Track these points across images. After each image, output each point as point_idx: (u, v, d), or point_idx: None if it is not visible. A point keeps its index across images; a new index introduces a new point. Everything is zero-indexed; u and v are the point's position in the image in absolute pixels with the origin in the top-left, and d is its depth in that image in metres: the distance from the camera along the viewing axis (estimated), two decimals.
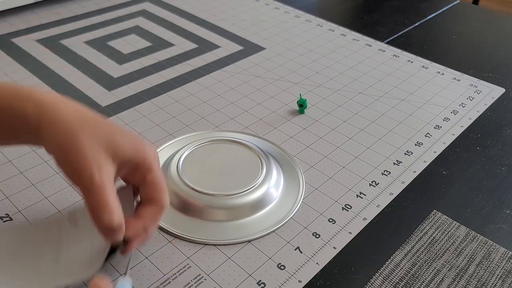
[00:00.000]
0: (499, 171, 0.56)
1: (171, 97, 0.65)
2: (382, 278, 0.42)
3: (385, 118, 0.63)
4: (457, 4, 1.02)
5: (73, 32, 0.81)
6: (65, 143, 0.35)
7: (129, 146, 0.37)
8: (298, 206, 0.49)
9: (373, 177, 0.53)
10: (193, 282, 0.41)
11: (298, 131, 0.60)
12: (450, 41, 0.87)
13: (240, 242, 0.45)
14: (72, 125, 0.35)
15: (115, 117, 0.61)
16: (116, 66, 0.72)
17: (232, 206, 0.47)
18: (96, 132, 0.36)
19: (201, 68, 0.72)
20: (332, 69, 0.74)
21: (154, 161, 0.39)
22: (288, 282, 0.41)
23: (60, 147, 0.35)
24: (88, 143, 0.35)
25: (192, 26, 0.86)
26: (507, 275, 0.44)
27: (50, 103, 0.36)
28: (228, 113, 0.62)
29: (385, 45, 0.83)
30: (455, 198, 0.52)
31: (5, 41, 0.77)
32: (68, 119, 0.35)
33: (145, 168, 0.38)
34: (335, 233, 0.46)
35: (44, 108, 0.36)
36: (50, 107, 0.36)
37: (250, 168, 0.50)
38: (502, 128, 0.63)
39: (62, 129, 0.35)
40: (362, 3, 1.03)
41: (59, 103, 0.36)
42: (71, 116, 0.36)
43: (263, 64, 0.74)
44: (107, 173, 0.35)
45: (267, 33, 0.84)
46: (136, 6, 0.92)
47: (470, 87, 0.71)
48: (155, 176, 0.38)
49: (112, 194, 0.35)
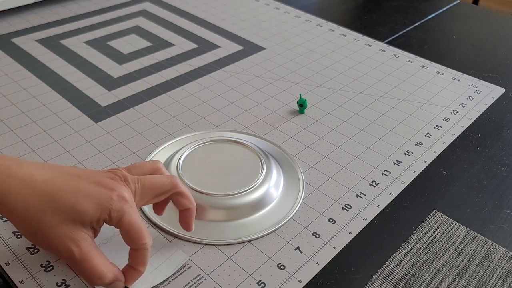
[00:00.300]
0: (499, 171, 0.56)
1: (171, 97, 0.65)
2: (382, 278, 0.42)
3: (385, 118, 0.63)
4: (457, 4, 1.02)
5: (73, 32, 0.81)
6: (32, 229, 0.35)
7: (94, 209, 0.36)
8: (298, 206, 0.49)
9: (373, 177, 0.53)
10: (193, 282, 0.41)
11: (298, 131, 0.60)
12: (450, 41, 0.87)
13: (240, 242, 0.45)
14: (33, 210, 0.35)
15: (115, 117, 0.61)
16: (116, 66, 0.72)
17: (232, 206, 0.47)
18: (58, 209, 0.35)
19: (201, 68, 0.72)
20: (332, 69, 0.74)
21: (124, 205, 0.37)
22: (288, 282, 0.41)
23: (29, 232, 0.36)
24: (54, 223, 0.35)
25: (192, 26, 0.86)
26: (507, 275, 0.44)
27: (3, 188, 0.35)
28: (228, 113, 0.62)
29: (385, 45, 0.83)
30: (455, 198, 0.52)
31: (5, 41, 0.77)
32: (27, 203, 0.35)
33: (114, 221, 0.37)
34: (335, 233, 0.46)
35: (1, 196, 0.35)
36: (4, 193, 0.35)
37: (250, 168, 0.50)
38: (502, 128, 0.63)
39: (25, 215, 0.35)
40: (362, 3, 1.03)
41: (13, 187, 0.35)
42: (29, 198, 0.35)
43: (263, 64, 0.74)
44: (85, 242, 0.36)
45: (267, 33, 0.84)
46: (136, 6, 0.92)
47: (470, 87, 0.71)
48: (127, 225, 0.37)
49: (97, 258, 0.36)
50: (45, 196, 0.35)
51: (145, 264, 0.39)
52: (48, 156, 0.53)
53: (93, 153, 0.54)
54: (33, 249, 0.42)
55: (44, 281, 0.40)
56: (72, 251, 0.35)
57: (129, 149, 0.55)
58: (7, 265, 0.41)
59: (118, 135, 0.58)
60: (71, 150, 0.55)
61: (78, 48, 0.76)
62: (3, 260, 0.41)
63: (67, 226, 0.35)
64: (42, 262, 0.41)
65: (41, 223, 0.35)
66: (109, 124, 0.59)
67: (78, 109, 0.62)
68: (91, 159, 0.53)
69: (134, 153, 0.55)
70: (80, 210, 0.36)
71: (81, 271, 0.36)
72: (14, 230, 0.44)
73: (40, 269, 0.41)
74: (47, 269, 0.41)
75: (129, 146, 0.56)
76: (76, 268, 0.36)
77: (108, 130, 0.58)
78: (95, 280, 0.36)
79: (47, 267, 0.41)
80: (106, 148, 0.55)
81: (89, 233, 0.37)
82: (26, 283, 0.40)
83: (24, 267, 0.41)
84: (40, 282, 0.40)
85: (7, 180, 0.35)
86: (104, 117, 0.60)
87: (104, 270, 0.36)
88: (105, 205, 0.36)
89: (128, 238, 0.38)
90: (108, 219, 0.37)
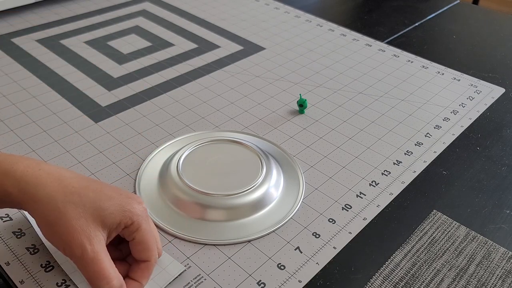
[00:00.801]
0: (499, 171, 0.56)
1: (171, 97, 0.65)
2: (382, 278, 0.42)
3: (385, 118, 0.63)
4: (457, 4, 1.02)
5: (73, 32, 0.81)
6: (52, 219, 0.35)
7: (117, 210, 0.37)
8: (298, 206, 0.49)
9: (373, 177, 0.53)
10: (193, 282, 0.41)
11: (298, 131, 0.60)
12: (450, 41, 0.87)
13: (240, 242, 0.45)
14: (57, 200, 0.35)
15: (115, 117, 0.61)
16: (116, 66, 0.72)
17: (232, 206, 0.47)
18: (82, 202, 0.36)
19: (201, 68, 0.72)
20: (332, 69, 0.74)
21: (142, 219, 0.38)
22: (288, 282, 0.41)
23: (48, 223, 0.36)
24: (75, 216, 0.35)
25: (192, 26, 0.86)
26: (507, 275, 0.44)
27: (31, 178, 0.36)
28: (228, 113, 0.62)
29: (385, 45, 0.83)
30: (455, 198, 0.52)
31: (5, 41, 0.77)
32: (52, 194, 0.36)
33: (133, 228, 0.37)
34: (335, 233, 0.46)
35: (26, 183, 0.36)
36: (32, 183, 0.36)
37: (250, 168, 0.50)
38: (502, 128, 0.63)
39: (48, 205, 0.35)
40: (362, 3, 1.03)
41: (41, 178, 0.36)
42: (54, 190, 0.36)
43: (263, 64, 0.74)
44: (99, 242, 0.35)
45: (267, 33, 0.84)
46: (136, 6, 0.92)
47: (470, 87, 0.71)
48: (142, 235, 0.38)
49: (107, 261, 0.36)
50: (70, 189, 0.36)
51: (147, 277, 0.39)
52: (48, 156, 0.53)
53: (93, 153, 0.54)
54: (33, 249, 0.42)
55: (44, 281, 0.40)
56: (85, 248, 0.35)
57: (129, 149, 0.55)
58: (7, 265, 0.41)
59: (118, 135, 0.58)
60: (71, 150, 0.55)
61: (78, 48, 0.76)
62: (3, 260, 0.41)
63: (87, 222, 0.35)
64: (42, 262, 0.41)
65: (62, 213, 0.35)
66: (109, 124, 0.59)
67: (78, 109, 0.62)
68: (91, 159, 0.53)
69: (134, 153, 0.55)
70: (103, 207, 0.36)
71: (88, 272, 0.35)
72: (14, 230, 0.44)
73: (40, 269, 0.41)
74: (47, 269, 0.41)
75: (129, 146, 0.56)
76: (84, 267, 0.35)
77: (108, 130, 0.58)
78: (101, 284, 0.35)
79: (47, 267, 0.41)
80: (106, 148, 0.55)
81: (104, 236, 0.36)
82: (26, 283, 0.40)
83: (24, 267, 0.41)
84: (40, 282, 0.40)
85: (37, 172, 0.36)
86: (104, 117, 0.60)
87: (112, 275, 0.36)
88: (129, 213, 0.37)
89: (138, 250, 0.38)
90: (127, 226, 0.37)
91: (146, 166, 0.53)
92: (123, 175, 0.51)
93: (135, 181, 0.51)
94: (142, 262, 0.39)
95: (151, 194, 0.49)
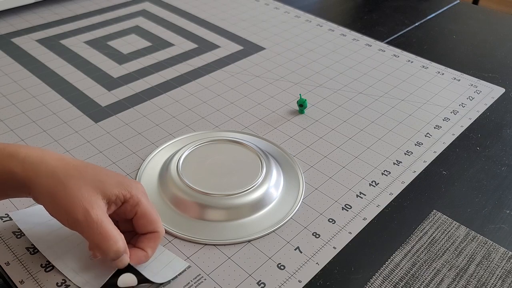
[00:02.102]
0: (499, 171, 0.56)
1: (171, 97, 0.65)
2: (382, 278, 0.42)
3: (385, 118, 0.63)
4: (457, 4, 1.02)
5: (73, 32, 0.81)
6: (54, 189, 0.37)
7: (116, 183, 0.39)
8: (298, 206, 0.49)
9: (373, 177, 0.53)
10: (193, 282, 0.41)
11: (298, 131, 0.60)
12: (450, 41, 0.87)
13: (240, 242, 0.45)
14: (58, 173, 0.38)
15: (115, 117, 0.61)
16: (116, 66, 0.72)
17: (232, 206, 0.47)
18: (82, 175, 0.38)
19: (201, 68, 0.72)
20: (332, 69, 0.74)
21: (141, 194, 0.40)
22: (288, 282, 0.41)
23: (50, 194, 0.37)
24: (76, 185, 0.37)
25: (192, 26, 0.86)
26: (507, 275, 0.44)
27: (36, 156, 0.39)
28: (228, 113, 0.62)
29: (385, 45, 0.83)
30: (455, 198, 0.52)
31: (5, 41, 0.77)
32: (54, 168, 0.38)
33: (133, 202, 0.40)
34: (335, 233, 0.46)
35: (29, 163, 0.38)
36: (36, 160, 0.38)
37: (250, 168, 0.50)
38: (502, 128, 0.63)
39: (49, 177, 0.37)
40: (362, 3, 1.03)
41: (44, 156, 0.39)
42: (56, 164, 0.38)
43: (263, 64, 0.74)
44: (100, 208, 0.37)
45: (267, 33, 0.84)
46: (136, 6, 0.92)
47: (470, 87, 0.71)
48: (145, 208, 0.40)
49: (110, 224, 0.37)
50: (71, 166, 0.39)
51: (154, 247, 0.40)
52: None
53: (93, 153, 0.54)
54: (33, 249, 0.42)
55: (44, 281, 0.40)
56: (88, 213, 0.36)
57: (129, 149, 0.55)
58: (7, 265, 0.41)
59: (118, 135, 0.58)
60: (71, 150, 0.55)
61: (78, 48, 0.76)
62: (3, 260, 0.41)
63: (88, 191, 0.37)
64: (42, 262, 0.41)
65: (64, 185, 0.37)
66: (109, 124, 0.59)
67: (78, 109, 0.62)
68: (91, 159, 0.53)
69: (134, 153, 0.55)
70: (102, 180, 0.38)
71: (94, 235, 0.36)
72: (14, 230, 0.44)
73: (40, 269, 0.41)
74: (47, 269, 0.41)
75: (129, 146, 0.56)
76: (89, 231, 0.36)
77: (108, 130, 0.58)
78: (108, 244, 0.36)
79: (47, 267, 0.41)
80: (106, 148, 0.55)
81: (105, 205, 0.38)
82: (26, 283, 0.40)
83: (24, 267, 0.41)
84: (40, 282, 0.40)
85: (40, 153, 0.39)
86: (104, 117, 0.60)
87: (118, 237, 0.37)
88: (128, 187, 0.39)
89: (141, 224, 0.40)
90: (126, 200, 0.39)
91: (146, 166, 0.53)
92: (123, 175, 0.51)
93: None
94: (149, 233, 0.40)
95: (151, 194, 0.49)
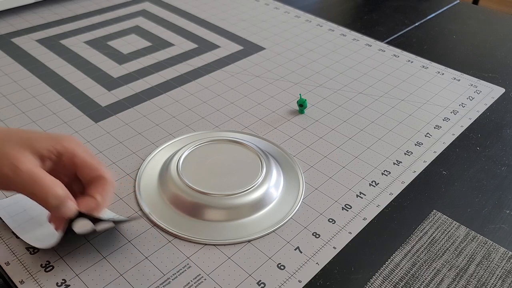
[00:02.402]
0: (499, 171, 0.56)
1: (171, 97, 0.65)
2: (382, 278, 0.42)
3: (385, 118, 0.63)
4: (457, 4, 1.02)
5: (73, 32, 0.81)
6: None
7: (45, 138, 0.38)
8: (298, 206, 0.49)
9: (373, 177, 0.53)
10: (193, 282, 0.41)
11: (298, 131, 0.60)
12: (450, 41, 0.87)
13: (240, 242, 0.45)
14: None
15: (115, 117, 0.61)
16: (116, 66, 0.72)
17: (232, 206, 0.47)
18: (7, 136, 0.37)
19: (201, 68, 0.72)
20: (332, 69, 0.74)
21: (74, 145, 0.39)
22: (288, 282, 0.41)
23: None
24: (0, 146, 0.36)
25: (192, 26, 0.86)
26: (507, 275, 0.44)
27: None
28: (228, 113, 0.62)
29: (385, 45, 0.83)
30: (455, 198, 0.52)
31: (5, 41, 0.77)
32: None
33: (69, 154, 0.39)
34: (335, 233, 0.46)
35: None
36: None
37: (250, 168, 0.50)
38: (502, 128, 0.63)
39: None
40: (362, 3, 1.03)
41: None
42: None
43: (263, 64, 0.74)
44: (29, 161, 0.36)
45: (267, 33, 0.84)
46: (136, 6, 0.92)
47: (470, 87, 0.71)
48: (82, 157, 0.39)
49: (44, 173, 0.36)
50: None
51: (103, 193, 0.39)
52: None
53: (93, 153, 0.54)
54: (33, 249, 0.42)
55: (44, 281, 0.40)
56: (16, 166, 0.35)
57: (129, 149, 0.55)
58: (7, 265, 0.41)
59: (118, 135, 0.58)
60: None
61: (78, 48, 0.76)
62: (3, 260, 0.41)
63: (14, 149, 0.36)
64: (42, 262, 0.41)
65: None
66: (109, 124, 0.59)
67: (78, 109, 0.62)
68: None
69: (134, 153, 0.55)
70: (29, 137, 0.37)
71: (29, 188, 0.35)
72: None
73: (40, 269, 0.41)
74: (47, 269, 0.41)
75: (129, 146, 0.56)
76: (23, 186, 0.36)
77: (108, 130, 0.58)
78: (47, 194, 0.35)
79: (47, 267, 0.41)
80: (106, 148, 0.55)
81: (36, 160, 0.37)
82: (26, 283, 0.40)
83: (24, 267, 0.41)
84: (40, 282, 0.40)
85: None
86: (104, 117, 0.60)
87: (54, 182, 0.36)
88: (59, 140, 0.38)
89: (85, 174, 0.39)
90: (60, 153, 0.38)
91: (146, 166, 0.53)
92: (123, 175, 0.51)
93: (135, 181, 0.51)
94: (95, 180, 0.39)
95: (151, 194, 0.49)
